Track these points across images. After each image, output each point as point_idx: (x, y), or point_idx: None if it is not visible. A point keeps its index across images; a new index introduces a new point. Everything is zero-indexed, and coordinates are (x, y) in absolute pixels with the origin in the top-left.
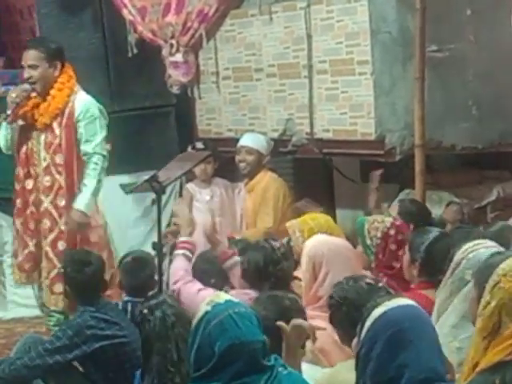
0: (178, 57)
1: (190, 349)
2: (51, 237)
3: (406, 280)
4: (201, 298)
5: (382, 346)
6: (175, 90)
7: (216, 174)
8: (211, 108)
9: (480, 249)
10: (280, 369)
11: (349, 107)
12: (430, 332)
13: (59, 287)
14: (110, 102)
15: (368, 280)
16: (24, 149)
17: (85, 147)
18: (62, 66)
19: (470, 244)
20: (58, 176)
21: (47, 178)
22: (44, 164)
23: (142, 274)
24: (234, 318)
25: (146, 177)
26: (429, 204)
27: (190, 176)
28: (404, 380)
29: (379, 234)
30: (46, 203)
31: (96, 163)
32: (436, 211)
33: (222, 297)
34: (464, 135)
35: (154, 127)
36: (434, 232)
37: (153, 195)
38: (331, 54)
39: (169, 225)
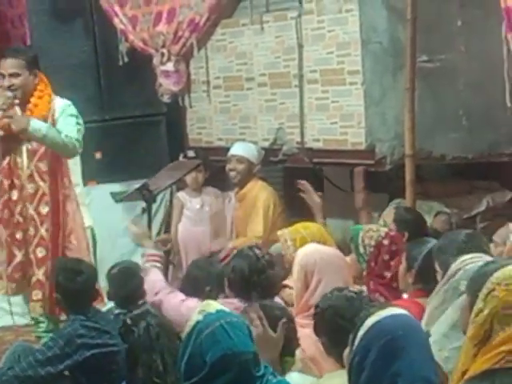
0: (169, 66)
1: (181, 358)
2: (34, 244)
3: (396, 289)
4: (185, 308)
5: (376, 355)
6: (166, 98)
7: (206, 183)
8: (202, 117)
9: (478, 262)
10: (270, 377)
11: (339, 117)
12: (422, 340)
13: (37, 294)
14: (100, 110)
15: (352, 289)
16: (7, 160)
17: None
18: None
19: (468, 256)
20: (41, 183)
21: (31, 185)
22: (27, 172)
23: (130, 284)
24: (225, 328)
25: (137, 185)
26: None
27: (180, 185)
28: None
29: (373, 243)
30: (31, 211)
31: (68, 135)
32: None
33: (214, 306)
34: (454, 145)
35: (145, 136)
36: (432, 242)
37: (143, 204)
38: (322, 63)
39: (159, 233)
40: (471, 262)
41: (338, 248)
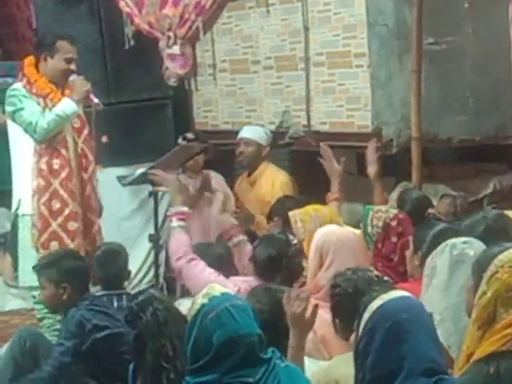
0: (175, 49)
1: (187, 342)
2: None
3: (402, 273)
4: (205, 280)
5: (381, 339)
6: (172, 82)
7: (209, 166)
8: (208, 100)
9: (449, 239)
10: (277, 361)
11: (345, 100)
12: (427, 322)
13: None
14: (106, 94)
15: (376, 273)
16: (61, 136)
17: None
18: None
19: (442, 244)
20: (91, 157)
21: (83, 160)
22: (78, 149)
23: (113, 265)
24: (230, 310)
25: (143, 169)
26: None
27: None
28: (404, 372)
29: (381, 224)
30: (88, 185)
31: None
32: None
33: (218, 289)
34: (461, 128)
35: (151, 119)
36: (441, 225)
37: (150, 187)
38: (328, 46)
39: (165, 217)
40: (444, 244)
41: None
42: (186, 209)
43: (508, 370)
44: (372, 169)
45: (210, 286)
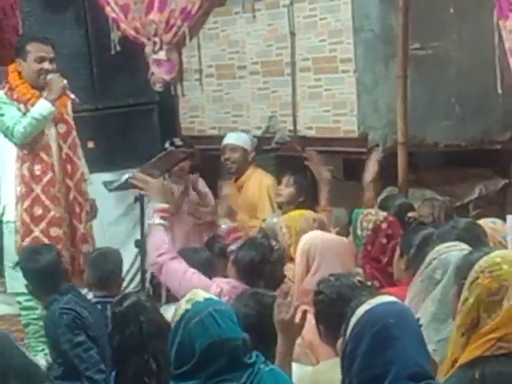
0: (161, 54)
1: (171, 347)
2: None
3: (390, 274)
4: (188, 280)
5: (368, 344)
6: (158, 87)
7: (197, 171)
8: (194, 106)
9: (453, 251)
10: (262, 365)
11: (332, 105)
12: (414, 327)
13: None
14: (92, 99)
15: (359, 278)
16: (43, 141)
17: None
18: None
19: (444, 245)
20: (78, 163)
21: (68, 166)
22: (63, 155)
23: (107, 266)
24: (214, 316)
25: (129, 174)
26: (411, 202)
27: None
28: (391, 376)
29: (371, 226)
30: (72, 191)
31: None
32: None
33: (201, 295)
34: (447, 133)
35: (137, 125)
36: (428, 229)
37: (136, 193)
38: (314, 51)
39: None
40: (446, 251)
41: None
42: (166, 205)
43: (493, 375)
44: (369, 176)
45: (193, 292)
